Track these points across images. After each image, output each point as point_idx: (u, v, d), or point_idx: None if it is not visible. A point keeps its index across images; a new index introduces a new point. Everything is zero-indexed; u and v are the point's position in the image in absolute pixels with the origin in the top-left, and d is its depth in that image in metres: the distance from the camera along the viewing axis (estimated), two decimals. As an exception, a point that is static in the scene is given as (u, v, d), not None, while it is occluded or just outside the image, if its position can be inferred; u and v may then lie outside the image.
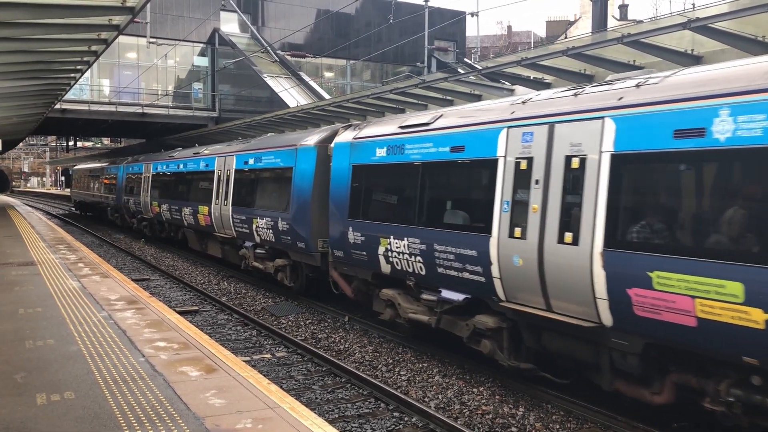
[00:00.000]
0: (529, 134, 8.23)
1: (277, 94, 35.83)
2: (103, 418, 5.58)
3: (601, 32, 18.34)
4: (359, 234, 11.56)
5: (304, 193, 13.80)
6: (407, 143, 10.63)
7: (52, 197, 78.02)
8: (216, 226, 18.75)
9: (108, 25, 10.54)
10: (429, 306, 10.17)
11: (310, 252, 13.75)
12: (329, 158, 13.03)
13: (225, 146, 20.04)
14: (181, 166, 22.81)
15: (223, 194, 18.14)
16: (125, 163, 32.00)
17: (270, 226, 15.09)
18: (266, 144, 16.60)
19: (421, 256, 9.95)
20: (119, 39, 13.07)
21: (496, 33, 77.28)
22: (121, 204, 31.65)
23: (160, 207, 24.62)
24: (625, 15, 52.20)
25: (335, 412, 8.34)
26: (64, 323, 9.04)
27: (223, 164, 18.63)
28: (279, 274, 15.50)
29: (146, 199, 26.69)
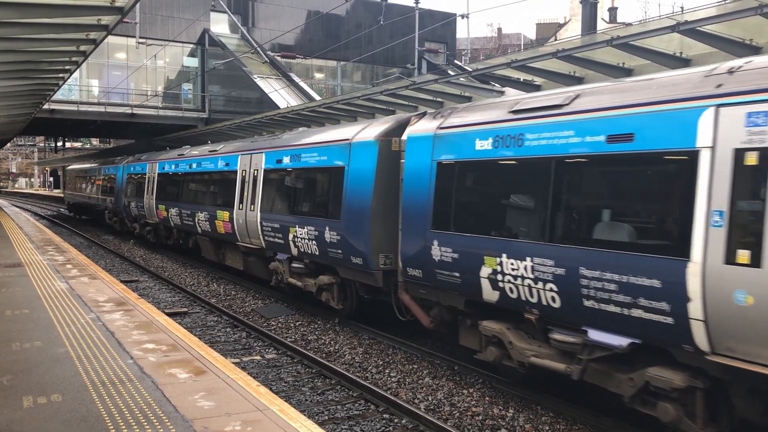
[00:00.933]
0: (763, 115, 5.89)
1: (267, 95, 35.74)
2: (91, 420, 5.54)
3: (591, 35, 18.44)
4: (449, 250, 9.22)
5: (362, 197, 11.40)
6: (528, 132, 8.18)
7: (41, 198, 77.47)
8: (239, 234, 16.45)
9: (97, 25, 10.46)
10: (564, 350, 7.74)
11: (368, 269, 11.32)
12: (396, 154, 11.13)
13: (249, 142, 17.79)
14: (193, 166, 20.35)
15: (248, 198, 15.90)
16: (126, 162, 29.42)
17: (313, 236, 12.78)
18: (306, 139, 14.16)
19: (556, 282, 7.57)
20: (108, 39, 13.00)
21: (487, 35, 77.51)
22: (121, 207, 29.23)
23: (168, 211, 22.21)
24: (615, 18, 52.46)
25: (325, 414, 8.32)
26: (51, 325, 8.97)
27: (248, 163, 16.27)
28: (323, 293, 13.09)
29: (151, 202, 24.37)
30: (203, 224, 18.90)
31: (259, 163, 15.69)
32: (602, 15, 46.13)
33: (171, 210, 21.86)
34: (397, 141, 11.33)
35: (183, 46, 42.05)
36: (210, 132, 32.63)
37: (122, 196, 28.80)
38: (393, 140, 11.37)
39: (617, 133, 7.11)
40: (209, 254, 19.57)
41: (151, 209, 24.42)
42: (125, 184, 28.44)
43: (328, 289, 12.97)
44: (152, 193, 24.24)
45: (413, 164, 10.19)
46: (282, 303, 15.20)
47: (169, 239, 23.78)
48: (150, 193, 24.52)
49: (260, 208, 15.21)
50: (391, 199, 11.07)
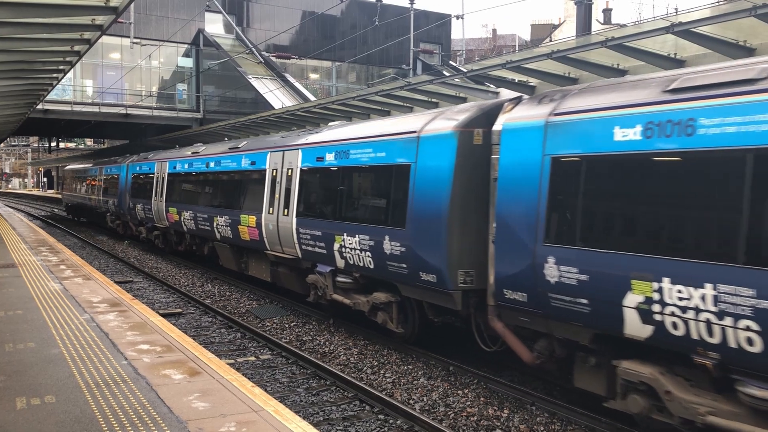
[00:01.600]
0: None
1: (262, 96, 35.73)
2: (85, 422, 5.51)
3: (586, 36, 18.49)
4: (573, 270, 7.31)
5: (435, 201, 9.46)
6: (704, 117, 6.34)
7: (34, 199, 77.22)
8: (268, 242, 14.52)
9: (91, 25, 10.44)
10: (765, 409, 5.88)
11: (444, 288, 9.40)
12: (479, 149, 9.30)
13: (279, 137, 15.82)
14: (211, 165, 18.36)
15: (280, 201, 14.01)
16: (130, 161, 27.30)
17: (367, 247, 10.91)
18: (354, 132, 12.21)
19: (756, 318, 5.72)
20: (102, 39, 12.98)
21: (481, 36, 77.62)
22: (125, 209, 27.03)
23: (181, 215, 20.08)
24: (609, 19, 52.61)
25: (320, 415, 8.31)
26: (45, 326, 8.94)
27: (279, 161, 14.38)
28: (379, 313, 11.24)
29: (160, 204, 22.21)
30: (223, 230, 16.98)
31: (294, 161, 13.78)
32: (597, 16, 46.26)
33: (184, 214, 19.82)
34: (479, 132, 9.40)
35: (177, 47, 42.01)
36: (205, 132, 32.60)
37: (126, 198, 26.81)
38: (475, 132, 9.42)
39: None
40: (229, 263, 17.59)
41: (160, 212, 22.34)
42: (130, 185, 26.41)
43: (385, 308, 11.10)
44: (161, 195, 22.23)
45: (514, 160, 8.25)
46: (277, 304, 15.17)
47: (180, 245, 21.81)
48: (159, 195, 22.51)
49: (296, 212, 13.29)
50: (473, 203, 9.23)
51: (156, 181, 22.94)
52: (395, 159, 10.56)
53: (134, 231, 27.05)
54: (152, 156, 25.19)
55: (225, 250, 17.53)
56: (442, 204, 9.34)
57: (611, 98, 7.37)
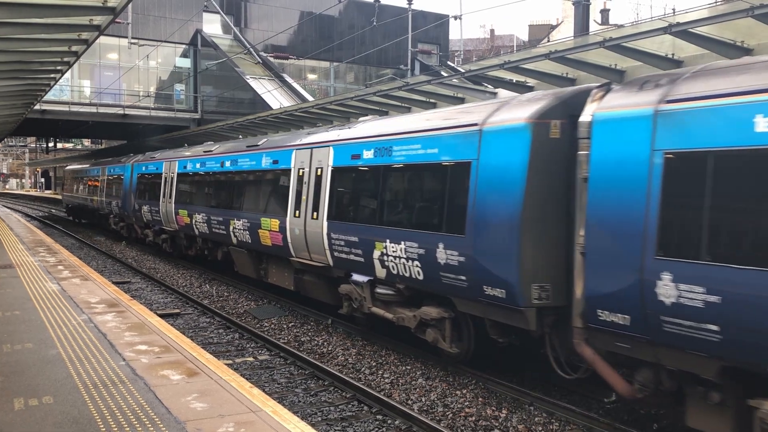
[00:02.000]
0: None
1: (260, 96, 35.74)
2: (83, 422, 5.51)
3: (583, 36, 18.52)
4: (700, 290, 6.07)
5: (504, 205, 8.25)
6: None
7: (32, 199, 77.12)
8: (293, 247, 13.31)
9: (89, 26, 10.43)
10: None
11: (514, 304, 8.17)
12: (557, 143, 8.08)
13: (305, 134, 14.50)
14: (226, 164, 17.08)
15: (308, 203, 12.79)
16: (135, 161, 26.05)
17: (415, 255, 9.69)
18: (396, 126, 10.99)
19: None
20: (100, 39, 12.96)
21: (479, 36, 77.68)
22: (130, 211, 25.68)
23: (192, 218, 18.85)
24: (607, 19, 52.70)
25: (318, 416, 8.31)
26: (43, 327, 8.93)
27: (307, 159, 13.15)
28: (428, 330, 9.89)
29: (169, 206, 20.88)
30: (240, 234, 15.72)
31: (324, 159, 12.50)
32: (594, 17, 46.32)
33: (196, 216, 18.55)
34: (556, 125, 8.18)
35: (175, 47, 42.01)
36: (202, 133, 32.59)
37: (131, 200, 25.40)
38: (551, 124, 8.17)
39: None
40: (245, 269, 16.32)
41: (168, 215, 20.98)
42: (135, 186, 25.02)
43: (436, 325, 9.78)
44: (170, 196, 20.87)
45: (611, 157, 7.04)
46: (275, 304, 15.17)
47: (190, 249, 20.50)
48: (167, 197, 21.12)
49: (327, 215, 12.00)
50: (549, 206, 8.06)
51: (164, 182, 21.63)
52: (451, 156, 9.30)
53: (139, 234, 25.73)
54: (159, 155, 23.90)
55: (242, 255, 16.17)
56: (514, 208, 8.05)
57: (746, 81, 6.09)
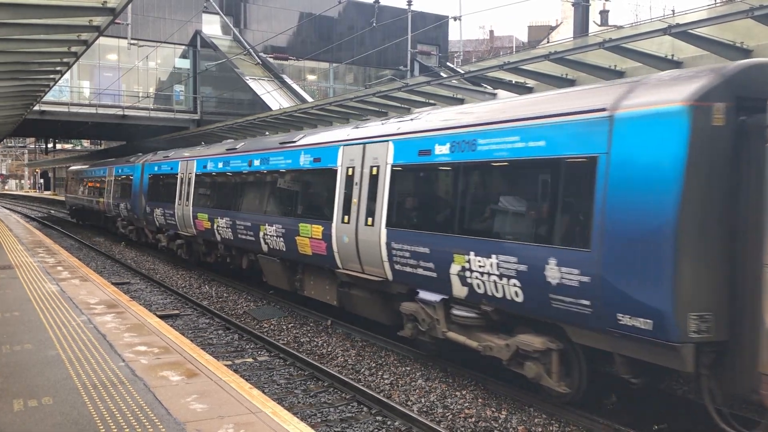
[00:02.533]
0: None
1: (259, 97, 35.74)
2: (82, 423, 5.50)
3: (583, 37, 18.53)
4: None
5: (653, 212, 6.57)
6: None
7: (31, 200, 77.08)
8: (340, 258, 11.67)
9: (88, 26, 10.44)
10: None
11: (664, 338, 6.48)
12: (726, 133, 6.47)
13: (352, 127, 12.65)
14: (255, 163, 15.34)
15: (360, 207, 11.10)
16: (146, 160, 24.48)
17: (514, 272, 7.95)
18: (485, 114, 9.17)
19: None
20: (100, 40, 12.96)
21: (479, 37, 77.74)
22: (141, 214, 24.01)
23: (213, 222, 17.11)
24: (606, 21, 52.74)
25: (318, 417, 8.30)
26: (42, 327, 8.92)
27: (358, 157, 11.39)
28: (528, 364, 8.17)
29: (185, 209, 19.16)
30: (273, 241, 13.99)
31: (381, 156, 10.79)
32: (594, 18, 46.35)
33: (218, 221, 16.80)
34: (720, 109, 6.46)
35: (175, 48, 42.01)
36: (202, 133, 32.60)
37: (142, 202, 23.78)
38: (714, 108, 6.46)
39: None
40: (277, 280, 14.72)
41: (185, 218, 19.23)
42: (147, 187, 23.37)
43: (540, 358, 8.05)
44: (187, 198, 19.16)
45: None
46: (274, 305, 15.16)
47: (209, 256, 18.78)
48: (184, 199, 19.42)
49: (386, 222, 10.35)
50: (712, 213, 6.45)
51: (180, 183, 19.93)
52: (566, 150, 7.55)
53: (150, 239, 23.98)
54: (174, 154, 22.15)
55: (273, 265, 14.46)
56: (668, 215, 6.37)
57: None
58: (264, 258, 14.87)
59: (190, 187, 19.12)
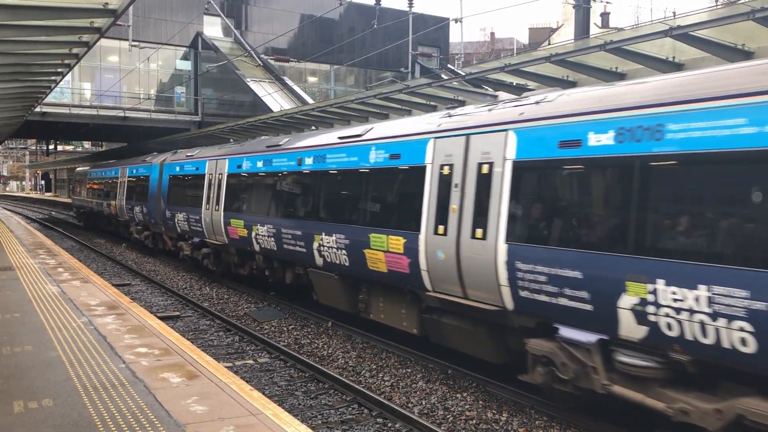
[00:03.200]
0: None
1: (260, 98, 35.74)
2: (82, 425, 5.49)
3: (584, 39, 18.53)
4: None
5: None
6: None
7: (32, 201, 77.12)
8: (431, 277, 9.48)
9: (89, 28, 10.44)
10: None
11: None
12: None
13: (441, 115, 10.36)
14: (308, 161, 13.09)
15: (464, 215, 8.89)
16: (165, 159, 22.39)
17: (742, 310, 5.72)
18: (676, 88, 6.73)
19: None
20: (101, 42, 12.97)
21: (480, 39, 77.82)
22: (159, 219, 21.97)
23: (251, 230, 15.04)
24: (607, 23, 52.72)
25: (318, 419, 8.29)
26: (43, 329, 8.91)
27: (459, 151, 9.17)
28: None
29: (214, 215, 17.21)
30: (332, 253, 11.87)
31: (496, 150, 8.56)
32: (595, 20, 46.36)
33: (257, 228, 14.74)
34: None
35: (176, 49, 42.03)
36: (203, 135, 32.62)
37: (160, 205, 21.74)
38: None
39: None
40: (333, 299, 12.62)
41: (215, 225, 17.25)
42: (166, 189, 21.35)
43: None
44: (217, 202, 17.15)
45: None
46: (275, 307, 15.15)
47: (242, 268, 16.72)
48: (213, 203, 17.40)
49: (507, 235, 8.18)
50: None
51: (209, 185, 17.88)
52: None
53: (170, 246, 21.83)
54: (199, 152, 20.01)
55: (330, 282, 12.38)
56: None
57: None
58: (317, 273, 12.71)
59: (220, 190, 17.15)
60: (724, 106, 6.04)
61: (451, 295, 9.22)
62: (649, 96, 6.89)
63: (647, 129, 6.67)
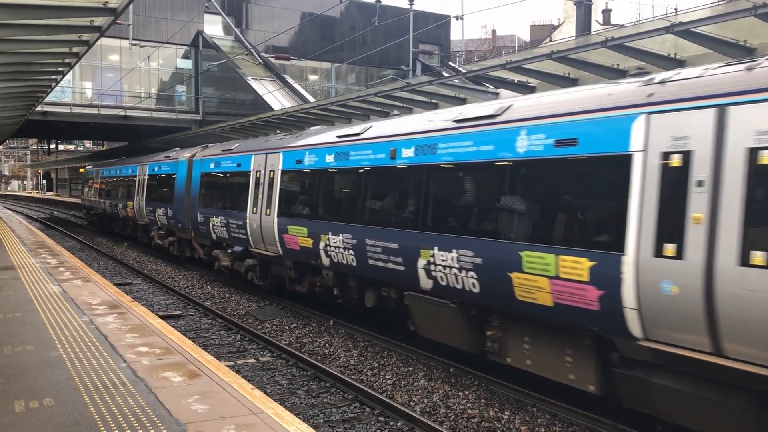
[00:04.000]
0: None
1: (261, 97, 35.70)
2: (84, 425, 5.48)
3: (585, 36, 18.48)
4: None
5: None
6: None
7: (34, 201, 77.21)
8: (647, 319, 6.58)
9: (90, 27, 10.43)
10: None
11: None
12: None
13: (641, 83, 7.17)
14: (407, 153, 10.28)
15: (722, 228, 5.93)
16: (195, 155, 19.45)
17: None
18: None
19: None
20: (101, 41, 12.96)
21: (481, 37, 77.62)
22: (188, 224, 19.39)
23: (318, 239, 12.28)
24: (608, 19, 52.60)
25: (320, 417, 8.28)
26: (44, 328, 8.91)
27: (705, 135, 6.12)
28: None
29: (265, 220, 14.41)
30: (448, 275, 9.16)
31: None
32: (596, 17, 46.26)
33: (328, 238, 11.95)
34: None
35: (176, 48, 42.01)
36: (204, 134, 32.61)
37: (190, 207, 19.10)
38: None
39: None
40: (444, 333, 9.90)
41: (265, 232, 14.48)
42: (198, 189, 18.55)
43: None
44: (267, 204, 14.40)
45: None
46: (276, 305, 15.14)
47: (301, 284, 14.06)
48: (263, 205, 14.57)
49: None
50: None
51: (256, 184, 15.07)
52: None
53: (201, 254, 19.11)
54: (241, 146, 16.98)
55: (442, 311, 9.65)
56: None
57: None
58: (421, 298, 10.05)
59: (273, 190, 14.31)
60: None
61: (688, 349, 6.27)
62: None
63: None
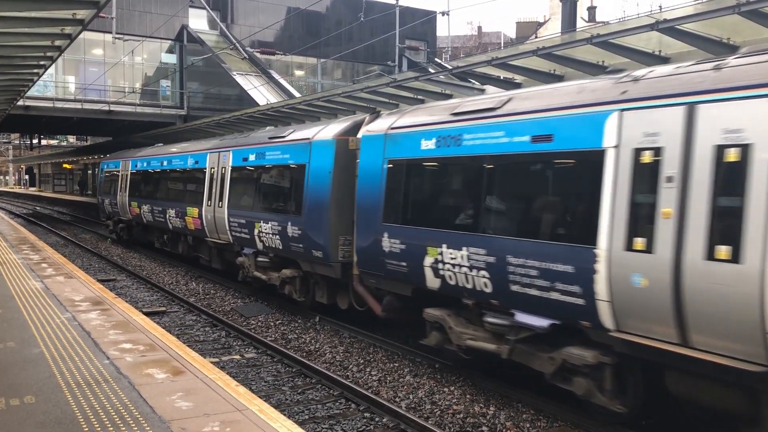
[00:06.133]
0: None
1: (246, 92, 35.50)
2: (66, 423, 5.43)
3: (571, 33, 18.51)
4: None
5: None
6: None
7: (16, 196, 76.37)
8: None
9: (72, 20, 10.28)
10: None
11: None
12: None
13: None
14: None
15: None
16: (393, 126, 10.30)
17: None
18: None
19: None
20: (84, 34, 12.81)
21: (467, 33, 77.71)
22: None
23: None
24: (594, 17, 52.85)
25: (305, 414, 8.26)
26: (25, 325, 8.81)
27: None
28: None
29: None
30: None
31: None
32: (582, 14, 46.44)
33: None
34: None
35: (161, 42, 41.64)
36: (189, 129, 32.38)
37: (376, 221, 10.32)
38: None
39: None
40: None
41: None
42: (385, 191, 10.26)
43: None
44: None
45: None
46: (262, 302, 15.07)
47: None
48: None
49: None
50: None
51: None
52: None
53: (378, 310, 10.95)
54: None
55: None
56: None
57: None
58: None
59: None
60: None
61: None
62: None
63: None
